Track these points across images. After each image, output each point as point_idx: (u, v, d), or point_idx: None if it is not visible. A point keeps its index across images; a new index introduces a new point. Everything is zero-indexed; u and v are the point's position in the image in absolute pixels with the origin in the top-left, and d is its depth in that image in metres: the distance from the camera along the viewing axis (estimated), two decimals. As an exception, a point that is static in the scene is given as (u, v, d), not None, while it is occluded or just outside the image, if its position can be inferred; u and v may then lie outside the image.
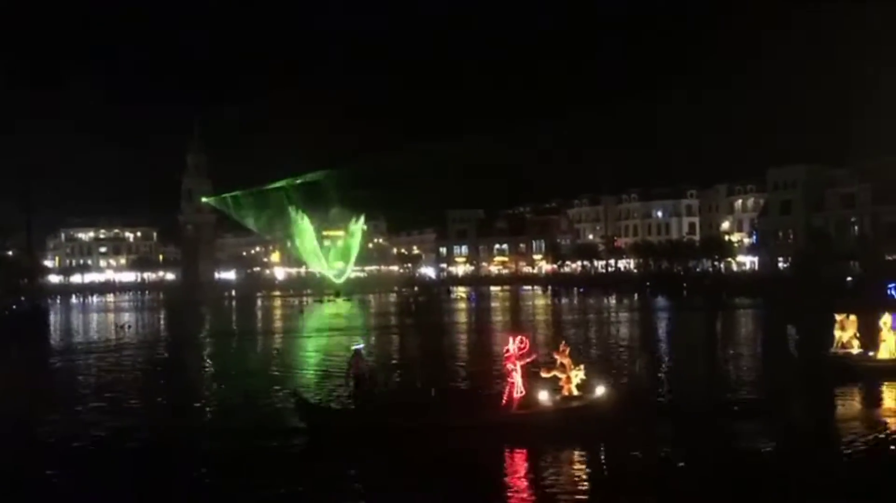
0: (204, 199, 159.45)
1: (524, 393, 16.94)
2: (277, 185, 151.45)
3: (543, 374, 17.78)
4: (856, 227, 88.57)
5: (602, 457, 15.38)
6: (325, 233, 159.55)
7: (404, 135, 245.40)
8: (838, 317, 24.66)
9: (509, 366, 17.02)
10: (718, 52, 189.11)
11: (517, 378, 16.89)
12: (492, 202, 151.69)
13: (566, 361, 17.75)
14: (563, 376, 17.68)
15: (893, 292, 50.21)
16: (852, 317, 24.40)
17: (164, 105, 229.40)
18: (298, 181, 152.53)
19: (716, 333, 42.00)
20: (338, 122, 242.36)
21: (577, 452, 15.46)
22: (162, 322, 62.36)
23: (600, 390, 17.57)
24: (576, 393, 17.55)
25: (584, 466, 14.68)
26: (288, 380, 25.36)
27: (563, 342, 18.78)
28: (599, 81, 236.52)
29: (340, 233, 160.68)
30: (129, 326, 51.02)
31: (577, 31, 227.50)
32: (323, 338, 41.52)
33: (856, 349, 24.01)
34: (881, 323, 23.42)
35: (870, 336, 24.25)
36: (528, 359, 17.26)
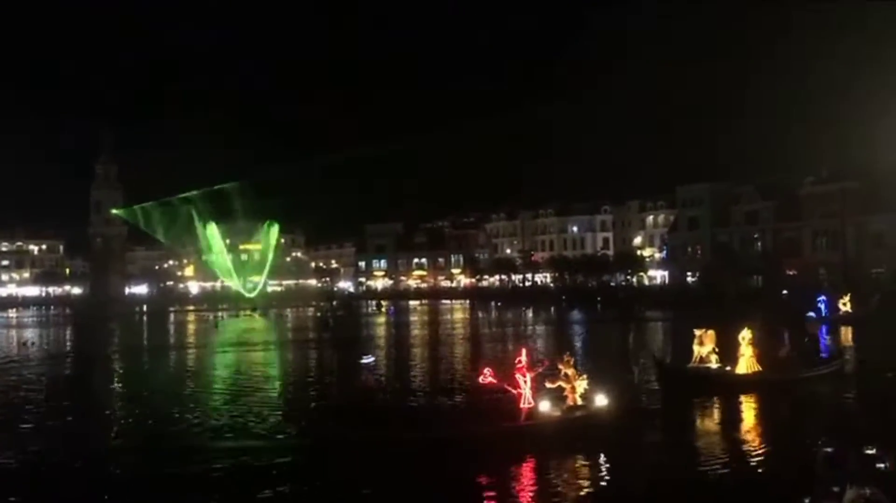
0: (114, 211, 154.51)
1: (532, 404, 17.39)
2: (188, 196, 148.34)
3: (549, 384, 18.16)
4: (759, 243, 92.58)
5: (606, 465, 15.85)
6: (241, 246, 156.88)
7: (319, 146, 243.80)
8: (697, 332, 24.53)
9: (519, 377, 17.45)
10: (627, 72, 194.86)
11: (526, 389, 17.37)
12: (410, 216, 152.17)
13: (570, 371, 18.27)
14: (567, 386, 18.14)
15: (822, 306, 50.72)
16: (710, 332, 24.31)
17: (72, 112, 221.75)
18: (210, 192, 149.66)
19: (624, 343, 43.13)
20: (250, 133, 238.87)
21: (581, 461, 15.94)
22: (68, 338, 60.09)
23: (602, 400, 18.11)
24: (580, 402, 18.04)
25: (589, 475, 15.13)
26: (201, 398, 24.92)
27: (568, 353, 19.38)
28: (514, 95, 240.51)
29: (257, 246, 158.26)
30: (33, 343, 48.99)
31: (493, 46, 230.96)
32: (238, 354, 40.83)
33: (714, 363, 23.93)
34: (740, 337, 23.64)
35: (730, 350, 24.36)
36: (538, 371, 17.86)
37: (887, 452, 8.79)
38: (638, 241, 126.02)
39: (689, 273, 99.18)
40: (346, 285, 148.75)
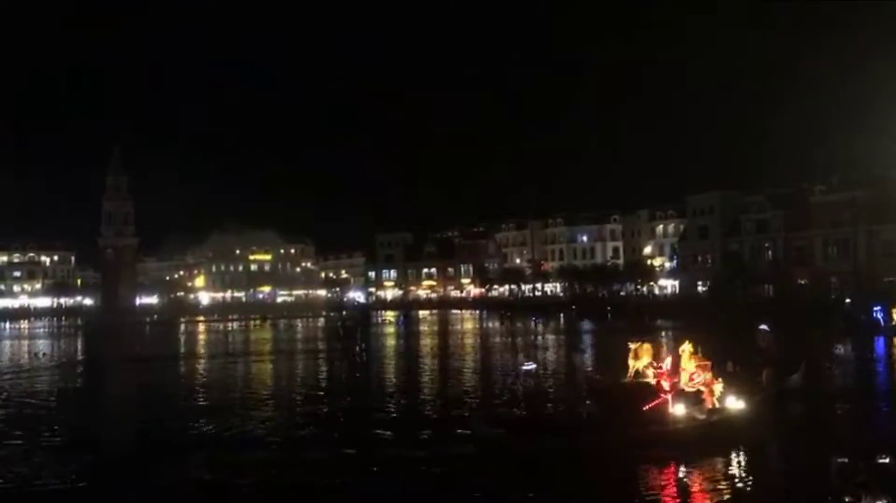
0: (125, 222, 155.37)
1: (674, 408, 17.77)
2: (201, 208, 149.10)
3: (687, 388, 18.45)
4: (769, 252, 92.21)
5: (753, 467, 16.09)
6: (251, 256, 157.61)
7: (327, 154, 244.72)
8: (632, 346, 23.24)
9: (662, 382, 17.89)
10: (639, 83, 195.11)
11: (668, 394, 17.82)
12: (420, 226, 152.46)
13: (708, 376, 18.57)
14: (705, 389, 18.45)
15: (879, 315, 49.46)
16: (646, 345, 23.00)
17: (84, 125, 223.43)
18: (222, 203, 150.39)
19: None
20: (256, 143, 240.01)
21: (721, 463, 16.20)
22: (79, 349, 60.32)
23: (738, 403, 18.37)
24: (717, 405, 18.31)
25: (727, 475, 15.45)
26: (216, 409, 24.96)
27: (705, 357, 19.67)
28: (525, 110, 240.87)
29: (266, 256, 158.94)
30: (45, 354, 49.18)
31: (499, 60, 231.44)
32: (254, 363, 40.93)
33: (651, 378, 22.59)
34: (680, 350, 22.49)
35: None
36: (680, 376, 18.24)
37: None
38: (648, 250, 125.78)
39: (699, 282, 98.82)
40: (355, 295, 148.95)
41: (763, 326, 31.74)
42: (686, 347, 21.62)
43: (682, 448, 16.85)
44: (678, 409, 17.78)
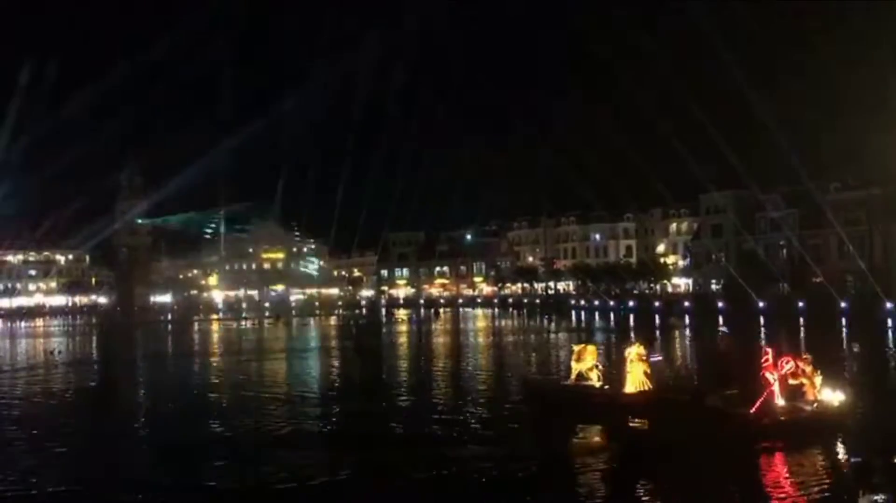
0: (139, 221, 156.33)
1: (783, 400, 18.19)
2: (214, 207, 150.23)
3: (791, 381, 18.69)
4: (784, 251, 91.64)
5: (844, 457, 16.25)
6: (264, 255, 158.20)
7: (342, 157, 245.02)
8: (575, 348, 23.07)
9: (768, 375, 18.24)
10: (649, 78, 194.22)
11: (776, 386, 18.15)
12: (433, 225, 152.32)
13: (808, 369, 18.82)
14: (807, 382, 18.71)
15: None
16: (591, 348, 22.86)
17: (98, 124, 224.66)
18: (237, 203, 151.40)
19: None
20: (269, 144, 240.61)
21: (821, 452, 16.55)
22: (94, 347, 60.73)
23: (839, 395, 18.66)
24: (819, 398, 18.60)
25: (828, 465, 15.73)
26: (229, 409, 25.09)
27: (806, 351, 20.00)
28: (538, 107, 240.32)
29: (279, 255, 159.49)
30: (60, 352, 49.49)
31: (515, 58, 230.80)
32: (268, 362, 41.10)
33: (595, 381, 22.16)
34: (626, 353, 22.08)
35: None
36: (786, 369, 18.48)
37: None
38: (661, 248, 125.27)
39: (713, 281, 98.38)
40: (368, 293, 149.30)
41: (722, 328, 31.50)
42: (634, 349, 21.31)
43: (789, 438, 17.12)
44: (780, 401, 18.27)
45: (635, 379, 20.92)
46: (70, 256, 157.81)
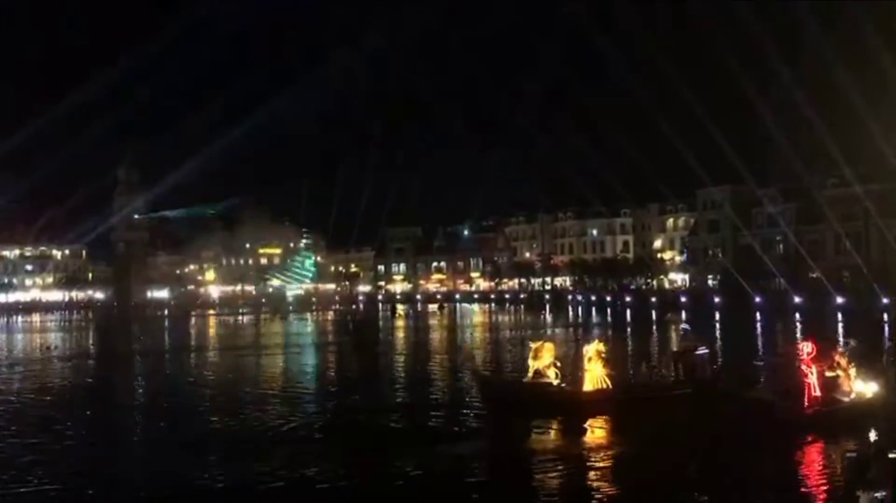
0: (136, 216, 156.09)
1: (821, 392, 18.42)
2: (212, 203, 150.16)
3: (828, 373, 18.92)
4: (781, 246, 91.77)
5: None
6: (261, 250, 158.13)
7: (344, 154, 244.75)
8: (533, 345, 22.62)
9: (804, 368, 18.49)
10: (649, 74, 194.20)
11: (813, 379, 18.40)
12: (430, 220, 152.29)
13: (843, 361, 19.11)
14: (843, 374, 18.96)
15: None
16: (548, 345, 22.45)
17: (95, 120, 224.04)
18: (234, 197, 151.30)
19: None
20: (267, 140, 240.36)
21: (856, 444, 16.29)
22: (91, 342, 60.63)
23: (872, 387, 18.94)
24: (854, 389, 18.90)
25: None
26: (226, 405, 25.06)
27: (840, 344, 20.61)
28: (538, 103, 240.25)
29: (277, 250, 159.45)
30: (56, 347, 49.43)
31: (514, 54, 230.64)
32: (265, 357, 41.06)
33: (553, 379, 21.78)
34: (584, 351, 21.92)
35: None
36: (823, 362, 18.79)
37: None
38: (658, 244, 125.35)
39: (710, 276, 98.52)
40: (366, 289, 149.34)
41: (684, 325, 31.28)
42: (593, 346, 21.27)
43: (827, 430, 17.23)
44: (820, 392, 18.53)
45: (594, 377, 20.78)
46: (67, 251, 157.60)
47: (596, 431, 19.14)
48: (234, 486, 14.61)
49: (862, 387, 18.88)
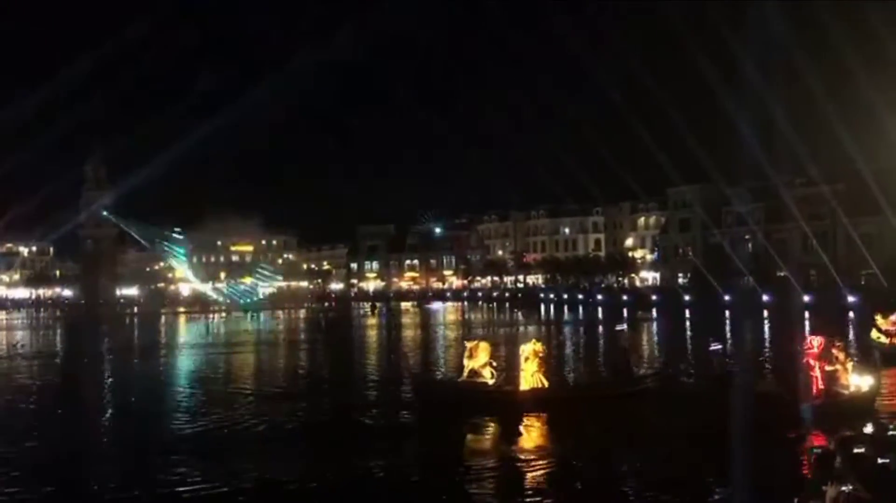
0: (104, 213, 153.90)
1: (824, 386, 19.05)
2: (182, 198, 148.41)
3: (827, 367, 19.47)
4: (749, 245, 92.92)
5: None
6: (232, 247, 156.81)
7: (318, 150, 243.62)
8: (468, 345, 22.51)
9: (811, 362, 19.09)
10: (617, 70, 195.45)
11: (818, 372, 19.05)
12: (403, 217, 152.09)
13: (841, 356, 19.77)
14: (840, 368, 19.60)
15: None
16: (483, 344, 22.33)
17: (63, 114, 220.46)
18: (205, 194, 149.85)
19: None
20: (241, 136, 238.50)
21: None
22: (59, 341, 59.83)
23: (868, 380, 19.52)
24: (851, 383, 19.47)
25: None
26: (197, 404, 24.85)
27: (839, 338, 21.07)
28: (511, 99, 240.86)
29: (248, 247, 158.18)
30: (23, 345, 48.71)
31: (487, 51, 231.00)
32: (235, 355, 40.80)
33: (488, 378, 21.68)
34: (520, 350, 21.76)
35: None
36: (827, 357, 19.38)
37: (886, 450, 8.90)
38: (629, 242, 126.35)
39: (680, 274, 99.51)
40: (338, 286, 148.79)
41: (621, 327, 31.73)
42: (529, 346, 21.29)
43: (828, 422, 17.17)
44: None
45: (530, 376, 20.79)
46: (34, 248, 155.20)
47: (531, 431, 19.06)
48: (199, 489, 14.39)
49: (858, 380, 19.44)
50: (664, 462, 15.38)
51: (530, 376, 20.79)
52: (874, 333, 30.83)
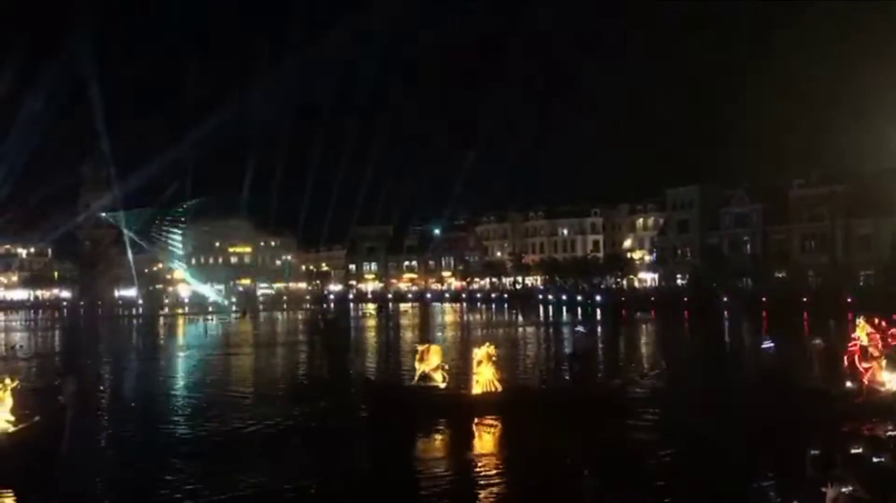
0: (102, 214, 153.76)
1: (868, 382, 19.45)
2: (181, 200, 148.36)
3: (865, 365, 19.81)
4: (748, 246, 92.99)
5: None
6: (231, 249, 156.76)
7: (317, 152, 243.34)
8: (420, 348, 22.53)
9: (856, 358, 19.67)
10: (619, 73, 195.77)
11: (861, 368, 19.58)
12: (401, 219, 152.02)
13: (876, 352, 20.04)
14: (875, 365, 19.84)
15: None
16: (435, 348, 22.36)
17: (62, 114, 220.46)
18: (204, 196, 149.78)
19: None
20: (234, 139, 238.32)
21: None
22: (57, 342, 59.73)
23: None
24: (885, 380, 19.67)
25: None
26: (196, 408, 24.79)
27: (875, 334, 21.37)
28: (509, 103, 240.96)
29: (246, 249, 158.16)
30: (21, 346, 48.62)
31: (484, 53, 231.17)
32: (234, 357, 40.76)
33: (440, 381, 21.57)
34: (474, 354, 21.57)
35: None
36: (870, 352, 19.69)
37: (882, 449, 8.91)
38: (628, 243, 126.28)
39: (678, 275, 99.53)
40: (337, 288, 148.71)
41: (579, 328, 31.71)
42: (483, 349, 21.18)
43: (870, 418, 17.42)
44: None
45: (483, 379, 20.69)
46: (32, 249, 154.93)
47: (483, 435, 18.94)
48: (196, 495, 14.25)
49: (889, 377, 19.61)
50: (614, 467, 15.34)
51: (484, 379, 20.70)
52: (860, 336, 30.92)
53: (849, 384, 19.79)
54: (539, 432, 17.90)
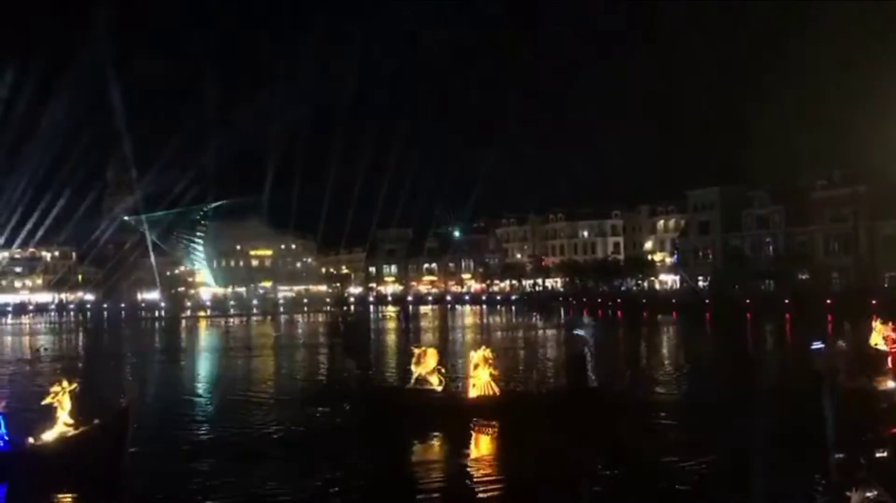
0: (126, 218, 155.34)
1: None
2: (203, 203, 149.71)
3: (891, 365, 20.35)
4: (770, 247, 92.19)
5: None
6: (252, 252, 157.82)
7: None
8: (416, 351, 22.37)
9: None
10: (639, 74, 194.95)
11: None
12: (421, 221, 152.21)
13: None
14: None
15: None
16: (431, 350, 22.15)
17: (86, 119, 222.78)
18: (225, 199, 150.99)
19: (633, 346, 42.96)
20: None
21: None
22: (81, 345, 60.37)
23: None
24: None
25: None
26: (218, 409, 24.95)
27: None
28: (526, 103, 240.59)
29: (268, 251, 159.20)
30: (46, 349, 49.22)
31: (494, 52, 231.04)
32: (257, 359, 41.00)
33: (436, 384, 21.58)
34: (471, 357, 21.61)
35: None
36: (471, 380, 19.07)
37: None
38: (649, 245, 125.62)
39: (700, 277, 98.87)
40: (357, 290, 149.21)
41: (577, 331, 31.37)
42: (479, 353, 21.12)
43: None
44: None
45: (480, 382, 20.63)
46: (56, 253, 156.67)
47: (480, 438, 18.85)
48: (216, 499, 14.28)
49: None
50: (611, 468, 15.33)
51: (481, 383, 20.65)
52: (874, 338, 30.50)
53: (891, 384, 19.81)
54: (536, 435, 17.77)
